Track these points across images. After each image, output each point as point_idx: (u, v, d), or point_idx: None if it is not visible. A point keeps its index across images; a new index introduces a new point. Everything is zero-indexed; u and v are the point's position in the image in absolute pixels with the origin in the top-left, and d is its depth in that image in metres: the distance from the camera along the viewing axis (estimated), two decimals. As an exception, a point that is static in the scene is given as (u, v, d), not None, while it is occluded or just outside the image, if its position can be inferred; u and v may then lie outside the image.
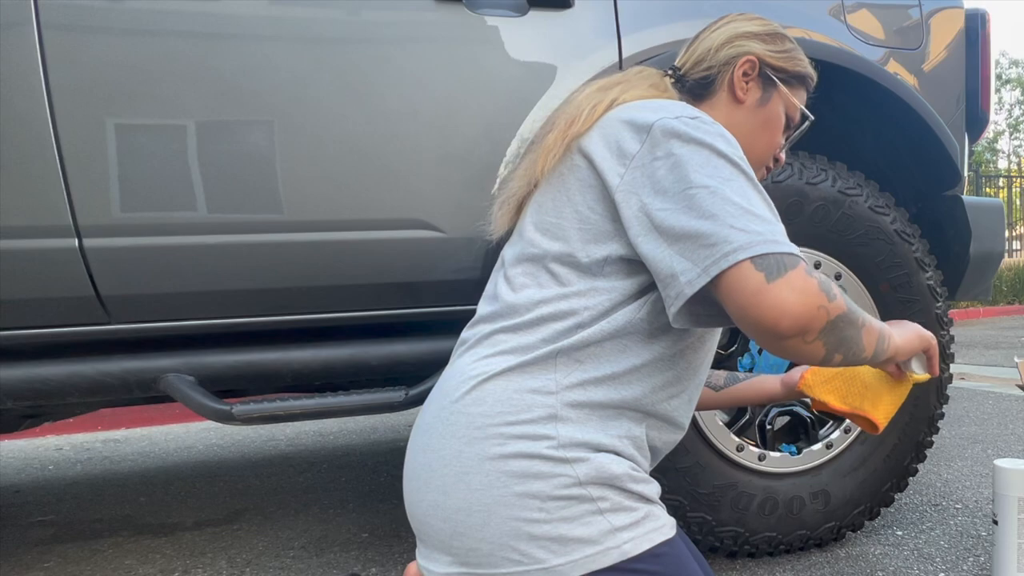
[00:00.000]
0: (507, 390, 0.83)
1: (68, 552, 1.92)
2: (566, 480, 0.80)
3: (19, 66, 1.23)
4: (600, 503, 0.80)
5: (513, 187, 0.99)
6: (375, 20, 1.41)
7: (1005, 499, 1.43)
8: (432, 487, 0.84)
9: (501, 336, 0.87)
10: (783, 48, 1.05)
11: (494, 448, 0.81)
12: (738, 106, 1.04)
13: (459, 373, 0.88)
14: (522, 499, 0.79)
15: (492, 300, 0.93)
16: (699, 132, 0.81)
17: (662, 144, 0.81)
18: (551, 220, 0.89)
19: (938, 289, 1.72)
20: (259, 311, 1.42)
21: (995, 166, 18.22)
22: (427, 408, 0.91)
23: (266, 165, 1.36)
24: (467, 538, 0.81)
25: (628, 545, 0.80)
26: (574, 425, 0.82)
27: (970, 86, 1.87)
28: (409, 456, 0.91)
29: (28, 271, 1.27)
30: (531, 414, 0.82)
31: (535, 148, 0.96)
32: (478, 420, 0.83)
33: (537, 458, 0.80)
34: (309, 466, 2.81)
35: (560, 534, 0.79)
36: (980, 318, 8.61)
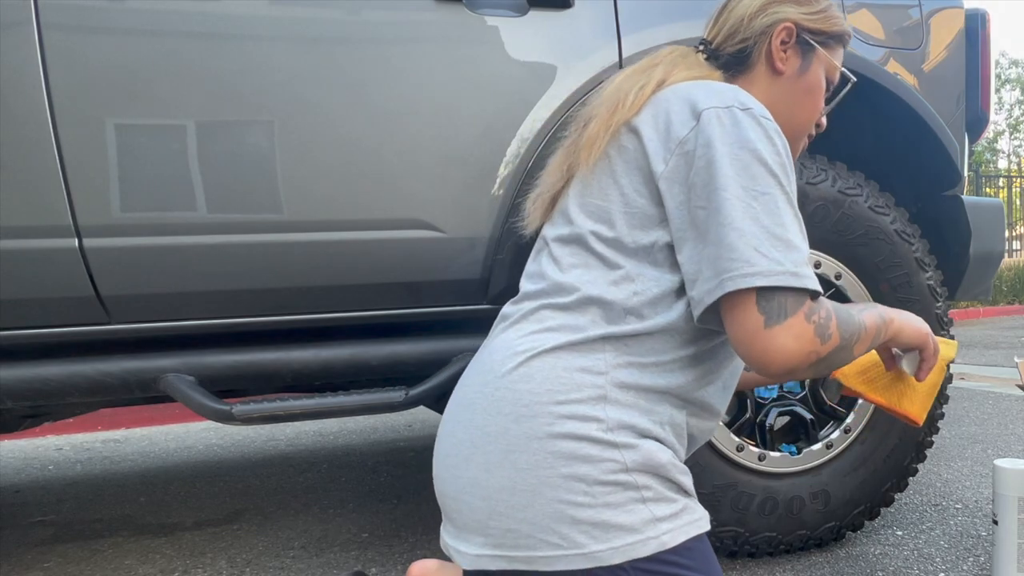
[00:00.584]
0: (556, 368, 0.82)
1: (68, 552, 1.92)
2: (613, 466, 0.79)
3: (19, 66, 1.23)
4: (644, 492, 0.80)
5: (548, 182, 0.97)
6: (375, 20, 1.41)
7: (1005, 499, 1.43)
8: (473, 464, 0.83)
9: (547, 313, 0.86)
10: (818, 8, 1.00)
11: (543, 427, 0.80)
12: (777, 78, 0.99)
13: (504, 347, 0.86)
14: (568, 481, 0.78)
15: (537, 278, 0.91)
16: (748, 130, 0.79)
17: (708, 135, 0.80)
18: (597, 203, 0.88)
19: (938, 289, 1.71)
20: (259, 311, 1.42)
21: (995, 166, 18.22)
22: (467, 383, 0.89)
23: (266, 165, 1.36)
24: (507, 518, 0.80)
25: (667, 536, 0.80)
26: (621, 408, 0.81)
27: (970, 86, 1.87)
28: (446, 431, 0.89)
29: (28, 271, 1.27)
30: (580, 393, 0.80)
31: (574, 142, 0.94)
32: (526, 397, 0.81)
33: (586, 440, 0.79)
34: (309, 466, 2.81)
35: (603, 520, 0.78)
36: (980, 318, 8.61)
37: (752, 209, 0.77)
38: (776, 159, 0.80)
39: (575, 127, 0.96)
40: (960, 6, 1.87)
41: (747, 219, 0.76)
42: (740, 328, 0.77)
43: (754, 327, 0.76)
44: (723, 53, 1.00)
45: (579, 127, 0.95)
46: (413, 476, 2.60)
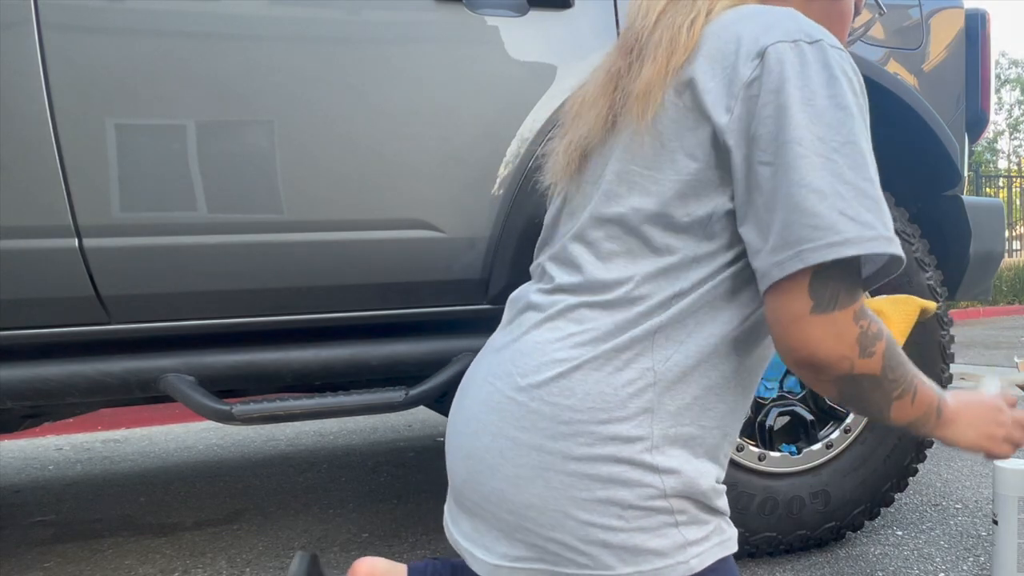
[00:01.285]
0: (600, 383, 0.75)
1: (68, 552, 1.92)
2: (652, 491, 0.75)
3: (19, 66, 1.23)
4: (678, 516, 0.76)
5: (581, 130, 0.84)
6: (375, 20, 1.41)
7: (1005, 499, 1.43)
8: (501, 475, 0.78)
9: (588, 313, 0.78)
10: None
11: (582, 448, 0.74)
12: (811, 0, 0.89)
13: (539, 351, 0.79)
14: (603, 505, 0.74)
15: (572, 269, 0.82)
16: (822, 67, 0.69)
17: (775, 76, 0.69)
18: (640, 171, 0.77)
19: (938, 289, 1.71)
20: (259, 311, 1.42)
21: (995, 166, 18.22)
22: (491, 381, 0.83)
23: (266, 165, 1.36)
24: (533, 535, 0.76)
25: (695, 560, 0.77)
26: (670, 418, 0.75)
27: (970, 86, 1.87)
28: (469, 430, 0.83)
29: (28, 271, 1.27)
30: (625, 411, 0.75)
31: (619, 85, 0.81)
32: (566, 414, 0.75)
33: (627, 463, 0.74)
34: (309, 466, 2.81)
35: (635, 544, 0.75)
36: (980, 318, 8.61)
37: (833, 164, 0.66)
38: (855, 99, 0.70)
39: (618, 58, 0.82)
40: (960, 6, 1.87)
41: (828, 176, 0.66)
42: (784, 310, 0.69)
43: (799, 312, 0.68)
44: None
45: (624, 57, 0.81)
46: (413, 476, 2.60)
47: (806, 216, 0.66)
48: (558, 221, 0.92)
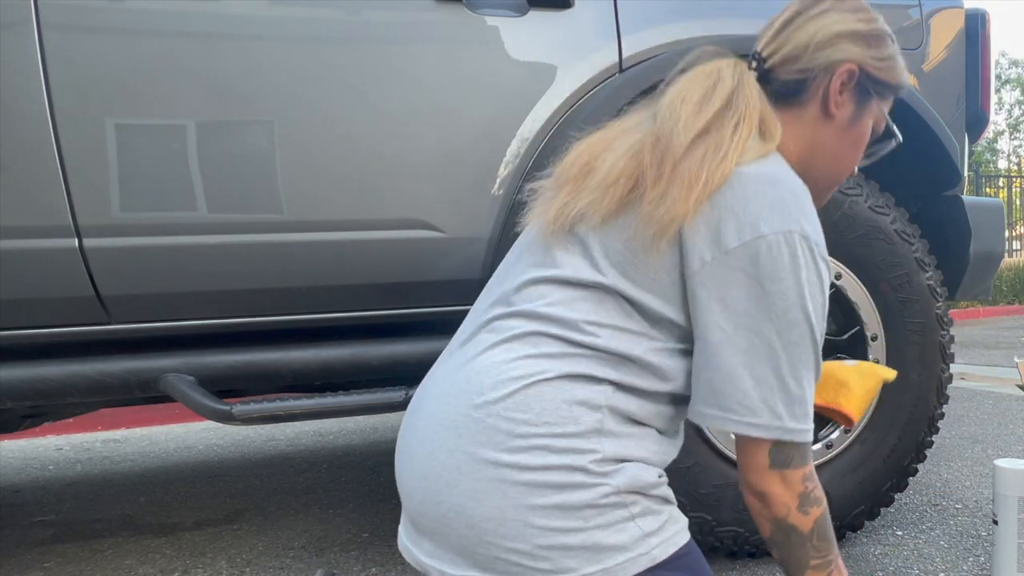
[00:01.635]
0: (555, 399, 0.80)
1: (68, 552, 1.92)
2: (605, 489, 0.79)
3: (19, 66, 1.23)
4: (632, 508, 0.80)
5: (585, 205, 0.85)
6: (375, 20, 1.41)
7: (1005, 499, 1.43)
8: (459, 491, 0.80)
9: (545, 340, 0.83)
10: (887, 54, 0.92)
11: (537, 459, 0.78)
12: (828, 122, 0.93)
13: (495, 370, 0.82)
14: (560, 509, 0.77)
15: (537, 300, 0.85)
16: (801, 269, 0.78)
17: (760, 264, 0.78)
18: (624, 254, 0.83)
19: (938, 289, 1.71)
20: (259, 311, 1.42)
21: (995, 166, 18.22)
22: (445, 400, 0.85)
23: (266, 165, 1.36)
24: (495, 547, 0.78)
25: (657, 550, 0.80)
26: (616, 439, 0.81)
27: (970, 86, 1.87)
28: (424, 451, 0.85)
29: (28, 271, 1.27)
30: (579, 427, 0.79)
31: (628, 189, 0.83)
32: (522, 428, 0.79)
33: (580, 471, 0.78)
34: (309, 466, 2.81)
35: (595, 542, 0.78)
36: (980, 318, 8.61)
37: (776, 359, 0.79)
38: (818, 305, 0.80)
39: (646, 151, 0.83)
40: (960, 6, 1.87)
41: (767, 368, 0.79)
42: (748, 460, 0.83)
43: (758, 465, 0.83)
44: (777, 78, 0.92)
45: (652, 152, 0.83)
46: (413, 476, 2.60)
47: (739, 394, 0.80)
48: (526, 254, 0.92)
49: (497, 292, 0.91)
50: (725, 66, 0.89)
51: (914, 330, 1.70)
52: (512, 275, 0.91)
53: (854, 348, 1.70)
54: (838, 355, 1.71)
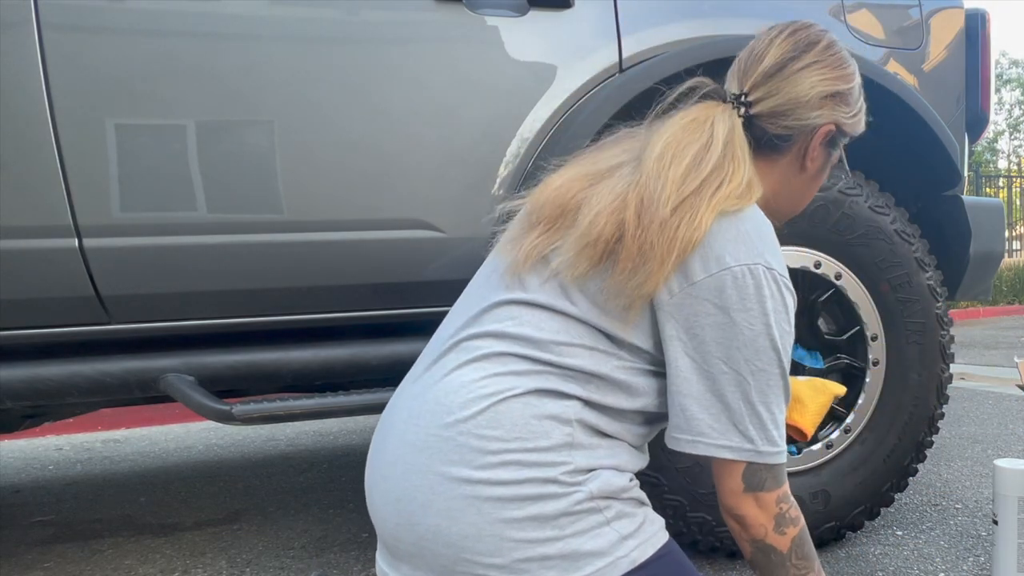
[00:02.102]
0: (524, 415, 0.81)
1: (68, 552, 1.92)
2: (579, 496, 0.80)
3: (19, 66, 1.23)
4: (606, 512, 0.81)
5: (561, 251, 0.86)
6: (375, 20, 1.41)
7: (1005, 499, 1.43)
8: (434, 511, 0.80)
9: (513, 360, 0.83)
10: (857, 108, 0.97)
11: (510, 474, 0.79)
12: (801, 172, 0.98)
13: (464, 389, 0.83)
14: (536, 521, 0.78)
15: (507, 321, 0.86)
16: (767, 299, 0.82)
17: (726, 294, 0.81)
18: (595, 295, 0.84)
19: (938, 289, 1.71)
20: (259, 311, 1.42)
21: (995, 166, 18.22)
22: (415, 422, 0.85)
23: (266, 165, 1.36)
24: (474, 565, 0.78)
25: (635, 553, 0.81)
26: (586, 451, 0.82)
27: (970, 86, 1.87)
28: (396, 473, 0.85)
29: (28, 271, 1.27)
30: (549, 441, 0.80)
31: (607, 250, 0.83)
32: (493, 444, 0.79)
33: (553, 483, 0.79)
34: (309, 466, 2.81)
35: (572, 550, 0.78)
36: (980, 318, 8.61)
37: (744, 385, 0.82)
38: (784, 332, 0.84)
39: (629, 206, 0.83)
40: (960, 6, 1.87)
41: (737, 393, 0.82)
42: (722, 482, 0.86)
43: (733, 488, 0.86)
44: (764, 129, 0.93)
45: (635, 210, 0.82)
46: (413, 476, 2.60)
47: (710, 419, 0.83)
48: (494, 278, 0.92)
49: (463, 317, 0.91)
50: (718, 118, 0.89)
51: (914, 330, 1.70)
52: (478, 299, 0.91)
53: (854, 348, 1.70)
54: (838, 355, 1.71)
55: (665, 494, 1.54)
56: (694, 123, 0.88)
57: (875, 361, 1.68)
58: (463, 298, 0.97)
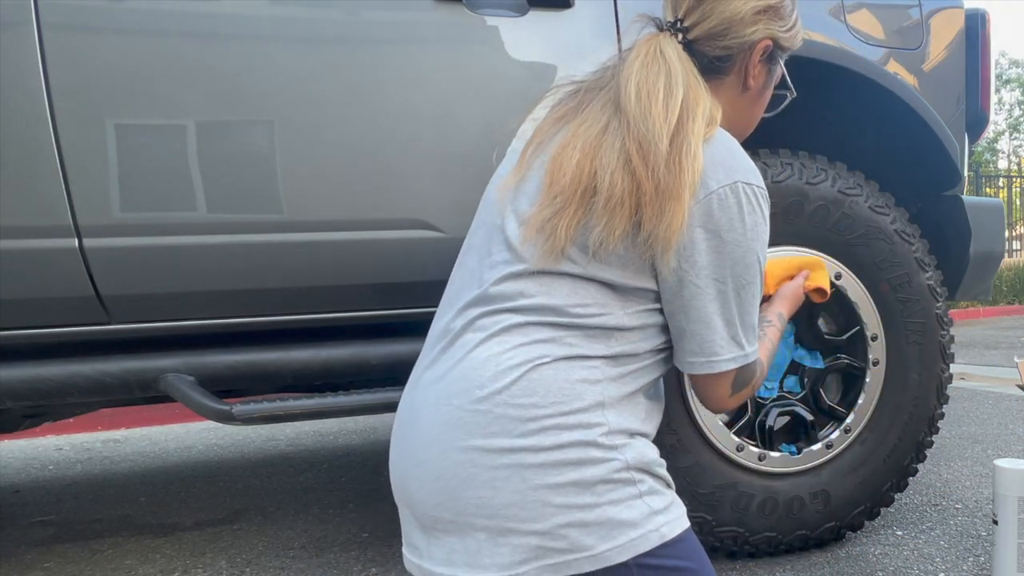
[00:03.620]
0: (557, 379, 0.83)
1: (68, 552, 1.92)
2: (616, 464, 0.83)
3: (19, 66, 1.23)
4: (640, 486, 0.84)
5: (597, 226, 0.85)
6: (375, 20, 1.41)
7: (1005, 499, 1.43)
8: (478, 483, 0.81)
9: (535, 328, 0.86)
10: (791, 23, 1.00)
11: (550, 439, 0.81)
12: (744, 92, 1.00)
13: (492, 363, 0.84)
14: (576, 486, 0.81)
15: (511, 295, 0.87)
16: (747, 215, 0.86)
17: (714, 217, 0.85)
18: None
19: (938, 289, 1.71)
20: (259, 311, 1.42)
21: (995, 166, 18.21)
22: (445, 402, 0.86)
23: (266, 165, 1.36)
24: (516, 533, 0.80)
25: (665, 528, 0.84)
26: (617, 411, 0.86)
27: (970, 86, 1.87)
28: (433, 454, 0.85)
29: (28, 271, 1.27)
30: (583, 402, 0.83)
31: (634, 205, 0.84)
32: (531, 411, 0.82)
33: (592, 445, 0.82)
34: (309, 466, 2.81)
35: (608, 517, 0.81)
36: (980, 318, 8.61)
37: (738, 299, 0.89)
38: (763, 243, 0.90)
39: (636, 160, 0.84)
40: (960, 6, 1.87)
41: (733, 309, 0.89)
42: (711, 391, 0.94)
43: (722, 394, 0.94)
44: (703, 54, 0.95)
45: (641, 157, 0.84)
46: (413, 476, 2.60)
47: (717, 337, 0.90)
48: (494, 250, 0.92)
49: (467, 295, 0.92)
50: (665, 45, 0.91)
51: (914, 330, 1.70)
52: (477, 278, 0.92)
53: (854, 348, 1.70)
54: (838, 355, 1.71)
55: (665, 494, 1.54)
56: (648, 56, 0.90)
57: (875, 361, 1.69)
58: (459, 276, 0.97)
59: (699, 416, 1.58)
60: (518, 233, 0.89)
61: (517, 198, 0.92)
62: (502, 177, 0.98)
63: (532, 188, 0.91)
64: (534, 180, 0.91)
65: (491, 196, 0.98)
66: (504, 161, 1.03)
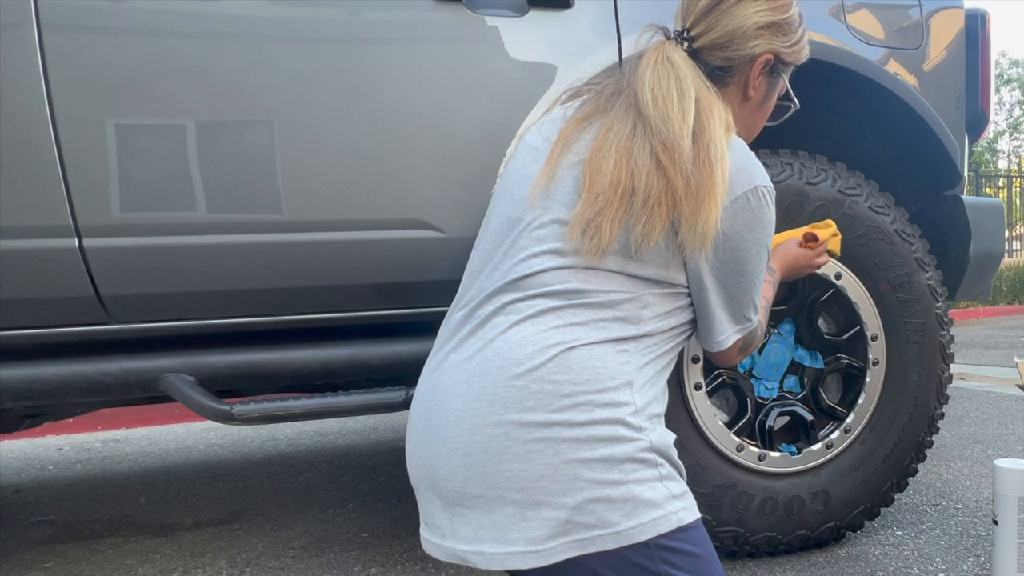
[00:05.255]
0: (591, 358, 0.87)
1: (68, 552, 1.92)
2: (642, 444, 0.86)
3: (19, 66, 1.23)
4: (660, 469, 0.87)
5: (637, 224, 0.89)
6: (375, 20, 1.41)
7: (1005, 499, 1.43)
8: (511, 455, 0.84)
9: (569, 311, 0.89)
10: (796, 38, 1.04)
11: (584, 414, 0.84)
12: (745, 102, 1.06)
13: (528, 342, 0.87)
14: (606, 462, 0.84)
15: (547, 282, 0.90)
16: (762, 217, 0.94)
17: (738, 219, 0.92)
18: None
19: (938, 289, 1.71)
20: (259, 311, 1.42)
21: (995, 166, 18.21)
22: (477, 380, 0.88)
23: (266, 165, 1.36)
24: (546, 506, 0.83)
25: (682, 513, 0.86)
26: (643, 392, 0.90)
27: (970, 86, 1.87)
28: (463, 430, 0.87)
29: (28, 271, 1.27)
30: (615, 381, 0.87)
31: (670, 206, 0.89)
32: (567, 387, 0.85)
33: (620, 424, 0.86)
34: (309, 466, 2.81)
35: (633, 495, 0.83)
36: (980, 318, 8.61)
37: (750, 285, 0.99)
38: (772, 232, 0.98)
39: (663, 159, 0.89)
40: (960, 6, 1.87)
41: (746, 294, 1.00)
42: (722, 357, 1.06)
43: (731, 356, 1.06)
44: (704, 61, 1.01)
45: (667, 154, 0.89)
46: (413, 476, 2.60)
47: (731, 316, 1.01)
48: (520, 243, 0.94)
49: (491, 286, 0.94)
50: (671, 52, 0.97)
51: (914, 330, 1.70)
52: (503, 270, 0.94)
53: (854, 348, 1.70)
54: (838, 355, 1.71)
55: (665, 494, 1.54)
56: (657, 63, 0.95)
57: (875, 361, 1.69)
58: (479, 270, 0.99)
59: (699, 416, 1.58)
60: (558, 232, 0.92)
61: (549, 196, 0.95)
62: (524, 175, 0.99)
63: (566, 188, 0.94)
64: (566, 180, 0.94)
65: (515, 193, 0.99)
66: (515, 159, 1.04)
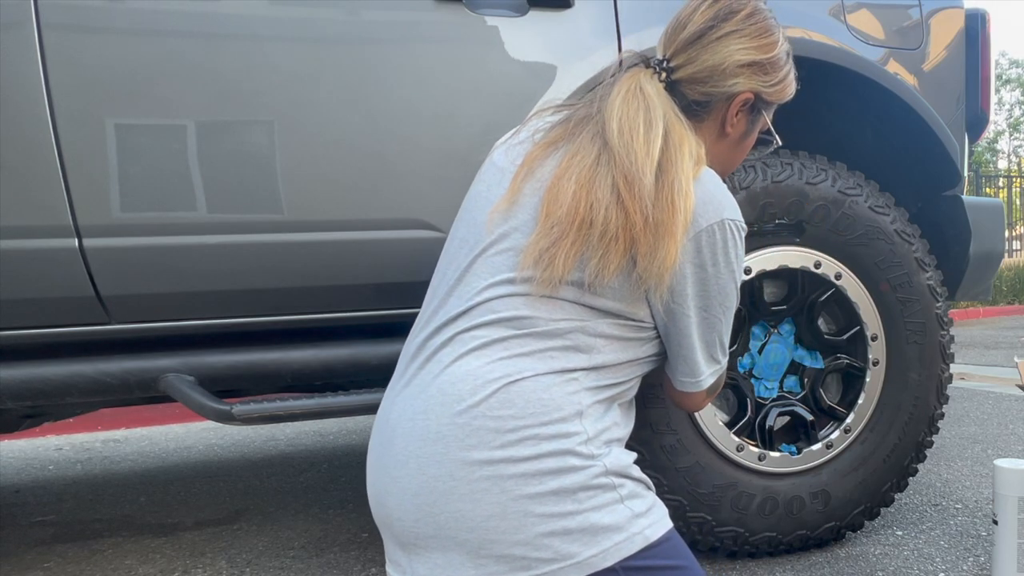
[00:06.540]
0: (536, 390, 0.84)
1: (68, 552, 1.92)
2: (596, 470, 0.84)
3: (19, 66, 1.23)
4: (620, 490, 0.85)
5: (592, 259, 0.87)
6: (375, 20, 1.41)
7: (1005, 499, 1.43)
8: (457, 496, 0.81)
9: (515, 342, 0.86)
10: (779, 77, 1.00)
11: (529, 450, 0.82)
12: (723, 138, 1.02)
13: (471, 376, 0.85)
14: (556, 495, 0.81)
15: (495, 309, 0.88)
16: (730, 251, 0.91)
17: (703, 253, 0.90)
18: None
19: (938, 289, 1.71)
20: (259, 311, 1.42)
21: (995, 166, 18.21)
22: (422, 417, 0.86)
23: (266, 165, 1.36)
24: (499, 544, 0.80)
25: (649, 531, 0.84)
26: (594, 419, 0.87)
27: (970, 86, 1.87)
28: (410, 470, 0.85)
29: (28, 271, 1.27)
30: (562, 412, 0.84)
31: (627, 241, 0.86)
32: (509, 423, 0.82)
33: (571, 454, 0.83)
34: (309, 466, 2.81)
35: (591, 523, 0.81)
36: (980, 318, 8.61)
37: (718, 323, 0.96)
38: (741, 270, 0.96)
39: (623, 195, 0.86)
40: (960, 6, 1.87)
41: (714, 333, 0.96)
42: (690, 401, 1.03)
43: (699, 402, 1.04)
44: (682, 94, 0.97)
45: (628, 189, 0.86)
46: (413, 476, 2.59)
47: (702, 358, 0.97)
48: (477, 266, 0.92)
49: (444, 314, 0.92)
50: (645, 82, 0.93)
51: (914, 330, 1.70)
52: (456, 296, 0.92)
53: (854, 348, 1.70)
54: (838, 355, 1.71)
55: (665, 494, 1.54)
56: (629, 93, 0.92)
57: (875, 361, 1.69)
58: (437, 293, 0.97)
59: (699, 416, 1.57)
60: (512, 261, 0.89)
61: (508, 221, 0.92)
62: (486, 198, 0.96)
63: (525, 215, 0.90)
64: (527, 207, 0.91)
65: (476, 217, 0.96)
66: (480, 178, 1.02)
